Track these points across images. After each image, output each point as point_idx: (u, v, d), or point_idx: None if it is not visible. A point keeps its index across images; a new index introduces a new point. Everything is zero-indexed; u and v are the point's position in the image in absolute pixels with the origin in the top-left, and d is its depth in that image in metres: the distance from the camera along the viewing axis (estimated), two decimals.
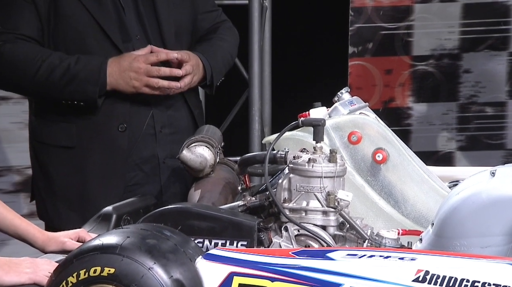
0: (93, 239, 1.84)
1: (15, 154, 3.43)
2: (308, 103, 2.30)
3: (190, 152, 2.32)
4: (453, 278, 1.67)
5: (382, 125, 2.28)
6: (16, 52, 2.53)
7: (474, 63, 3.83)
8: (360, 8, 3.83)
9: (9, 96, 3.34)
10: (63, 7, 2.55)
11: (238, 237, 1.94)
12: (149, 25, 2.63)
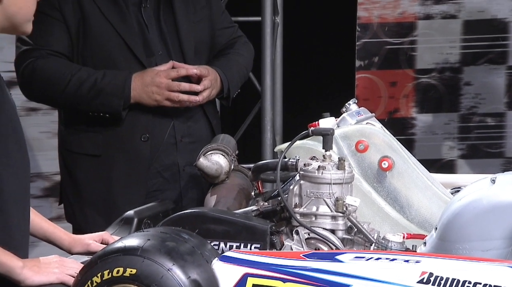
0: (116, 242, 1.84)
1: (44, 161, 3.44)
2: (317, 114, 2.30)
3: (206, 160, 2.32)
4: (456, 280, 1.66)
5: (388, 134, 2.27)
6: (47, 67, 2.55)
7: (474, 76, 3.82)
8: (366, 24, 3.83)
9: (39, 107, 3.36)
10: (92, 26, 2.57)
11: (252, 240, 1.93)
12: (171, 42, 2.64)
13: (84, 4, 2.57)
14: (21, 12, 1.82)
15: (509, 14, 3.78)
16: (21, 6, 1.82)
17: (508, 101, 3.82)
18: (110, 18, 2.57)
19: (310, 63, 4.16)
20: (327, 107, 2.33)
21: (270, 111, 3.82)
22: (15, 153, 1.83)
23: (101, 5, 2.57)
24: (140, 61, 2.60)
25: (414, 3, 3.81)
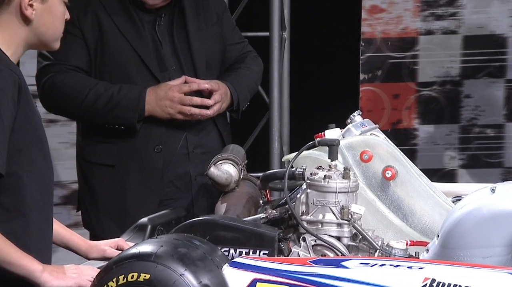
0: (130, 248, 1.84)
1: (62, 170, 3.45)
2: (323, 125, 2.29)
3: (217, 169, 2.32)
4: (458, 286, 1.65)
5: (391, 145, 2.27)
6: (66, 82, 2.56)
7: (474, 89, 3.81)
8: (370, 39, 3.83)
9: (58, 119, 3.37)
10: (109, 42, 2.58)
11: (261, 247, 1.93)
12: (183, 57, 2.65)
13: (102, 22, 2.58)
14: (49, 32, 1.86)
15: (507, 30, 3.77)
16: (49, 26, 1.85)
17: (507, 113, 3.81)
18: (126, 35, 2.58)
19: (316, 76, 4.16)
20: (333, 119, 2.33)
21: (277, 123, 3.81)
22: (40, 161, 1.84)
23: (118, 23, 2.58)
24: (154, 76, 2.61)
25: (416, 19, 3.81)
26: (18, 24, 1.82)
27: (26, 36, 1.84)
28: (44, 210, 1.87)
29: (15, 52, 1.85)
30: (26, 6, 1.81)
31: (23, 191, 1.80)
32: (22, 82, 1.80)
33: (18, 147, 1.78)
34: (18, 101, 1.76)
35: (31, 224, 1.82)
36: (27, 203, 1.81)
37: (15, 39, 1.83)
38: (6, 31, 1.82)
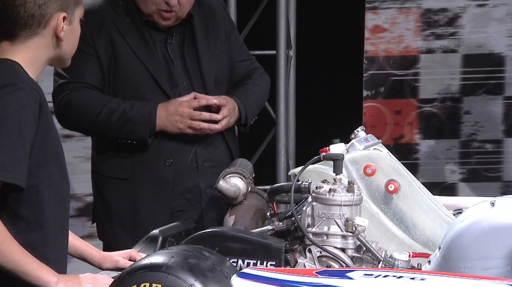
0: (142, 259, 1.84)
1: (77, 183, 3.45)
2: (328, 140, 2.28)
3: (225, 182, 2.31)
4: None
5: (394, 159, 2.26)
6: (81, 99, 2.57)
7: (473, 105, 3.80)
8: (373, 57, 3.83)
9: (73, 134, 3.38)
10: (122, 61, 2.59)
11: (268, 258, 1.92)
12: (193, 74, 2.65)
13: (115, 41, 2.59)
14: (70, 51, 1.88)
15: (504, 49, 3.77)
16: (72, 45, 1.87)
17: (505, 129, 3.79)
18: (138, 54, 2.59)
19: (321, 93, 4.15)
20: (337, 134, 2.32)
21: (284, 137, 3.81)
22: (57, 175, 1.84)
23: (131, 42, 2.59)
24: (165, 92, 2.61)
25: (417, 38, 3.81)
26: (49, 46, 1.83)
27: (50, 56, 1.86)
28: (61, 222, 1.87)
29: (36, 70, 1.86)
30: (61, 30, 1.82)
31: (42, 203, 1.80)
32: (43, 100, 1.80)
33: (38, 161, 1.78)
34: (39, 118, 1.77)
35: (49, 235, 1.82)
36: (45, 215, 1.81)
37: (39, 59, 1.84)
38: (33, 52, 1.83)
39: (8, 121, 1.71)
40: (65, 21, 1.82)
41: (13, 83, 1.74)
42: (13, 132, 1.71)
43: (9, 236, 1.73)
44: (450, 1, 3.77)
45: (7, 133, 1.71)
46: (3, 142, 1.70)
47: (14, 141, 1.71)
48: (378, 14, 3.80)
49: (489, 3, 3.76)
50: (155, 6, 2.56)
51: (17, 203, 1.77)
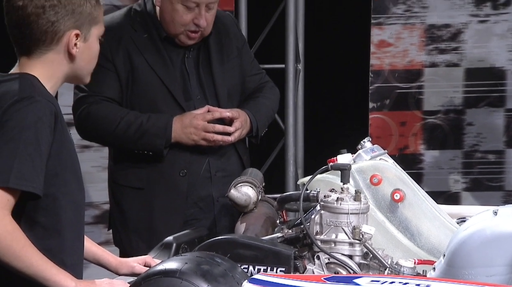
0: (157, 265, 1.83)
1: (94, 192, 3.46)
2: (335, 150, 2.28)
3: (237, 191, 2.30)
4: None
5: (399, 169, 2.25)
6: (100, 111, 2.57)
7: (476, 117, 3.79)
8: (378, 71, 3.82)
9: (91, 145, 3.39)
10: (139, 75, 2.59)
11: (278, 264, 1.91)
12: (207, 88, 2.66)
13: (133, 57, 2.59)
14: (86, 67, 1.88)
15: (505, 63, 3.76)
16: (87, 62, 1.87)
17: (507, 140, 3.78)
18: (155, 69, 2.59)
19: (328, 105, 4.15)
20: (344, 145, 2.31)
21: (292, 148, 3.80)
22: (73, 184, 1.84)
23: (148, 58, 2.59)
24: (180, 105, 2.62)
25: (421, 53, 3.81)
26: (62, 61, 1.84)
27: (66, 71, 1.86)
28: (77, 228, 1.87)
29: (54, 85, 1.86)
30: (73, 46, 1.83)
31: (59, 211, 1.80)
32: (58, 111, 1.81)
33: (55, 171, 1.79)
34: (55, 129, 1.77)
35: (66, 241, 1.82)
36: (62, 222, 1.81)
37: (56, 74, 1.85)
38: (49, 67, 1.83)
39: (25, 133, 1.72)
40: (78, 38, 1.82)
41: (29, 96, 1.75)
42: (30, 143, 1.72)
43: (28, 242, 1.73)
44: (453, 17, 3.77)
45: (25, 144, 1.71)
46: (21, 153, 1.71)
47: (31, 152, 1.72)
48: (384, 29, 3.80)
49: (491, 19, 3.75)
50: (183, 27, 2.56)
51: (35, 210, 1.77)
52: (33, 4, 1.78)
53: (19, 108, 1.74)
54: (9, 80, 1.81)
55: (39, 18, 1.79)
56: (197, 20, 2.55)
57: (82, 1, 1.82)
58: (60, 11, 1.79)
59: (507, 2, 3.73)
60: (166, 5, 2.57)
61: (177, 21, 2.55)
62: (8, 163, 1.70)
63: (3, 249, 1.70)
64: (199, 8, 2.54)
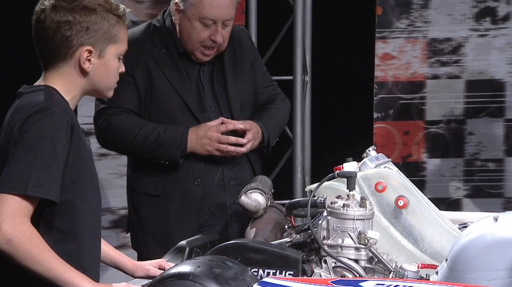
0: (171, 268, 1.83)
1: (111, 198, 3.46)
2: (341, 158, 2.27)
3: (247, 197, 2.30)
4: None
5: (403, 176, 2.24)
6: (120, 123, 2.58)
7: (476, 127, 3.78)
8: (382, 82, 3.82)
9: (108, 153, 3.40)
10: (157, 88, 2.60)
11: (286, 268, 1.90)
12: (221, 100, 2.66)
13: (152, 71, 2.59)
14: (102, 83, 1.88)
15: (504, 76, 3.75)
16: (103, 78, 1.87)
17: (506, 149, 3.76)
18: (173, 83, 2.59)
19: (335, 115, 4.14)
20: (350, 153, 2.30)
21: (300, 156, 3.79)
22: (90, 191, 1.85)
23: (166, 72, 2.60)
24: (195, 116, 2.62)
25: (424, 65, 3.80)
26: (76, 75, 1.84)
27: (83, 85, 1.86)
28: (94, 233, 1.87)
29: (73, 97, 1.87)
30: (84, 61, 1.83)
31: (77, 216, 1.81)
32: (75, 122, 1.81)
33: (72, 178, 1.79)
34: (71, 139, 1.78)
35: (83, 245, 1.83)
36: (79, 227, 1.81)
37: (74, 87, 1.85)
38: (66, 80, 1.84)
39: (43, 143, 1.73)
40: (91, 54, 1.82)
41: (47, 107, 1.76)
42: (47, 152, 1.73)
43: (46, 247, 1.73)
44: (454, 31, 3.76)
45: (42, 153, 1.72)
46: (39, 161, 1.72)
47: (49, 160, 1.72)
48: (387, 43, 3.79)
49: (490, 33, 3.74)
50: (200, 44, 2.57)
51: (52, 216, 1.78)
52: (50, 19, 1.79)
53: (37, 119, 1.75)
54: (31, 92, 1.82)
55: (55, 32, 1.80)
56: (214, 37, 2.55)
57: (99, 19, 1.81)
58: (75, 27, 1.79)
59: (505, 17, 3.72)
60: (184, 23, 2.57)
61: (195, 38, 2.56)
62: (27, 171, 1.71)
63: (23, 254, 1.70)
64: (215, 25, 2.55)
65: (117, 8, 1.85)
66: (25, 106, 1.77)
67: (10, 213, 1.69)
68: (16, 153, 1.72)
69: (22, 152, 1.72)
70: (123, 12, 1.86)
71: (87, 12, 1.80)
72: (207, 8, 2.52)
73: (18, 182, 1.71)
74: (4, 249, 1.70)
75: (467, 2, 3.73)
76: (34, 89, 1.82)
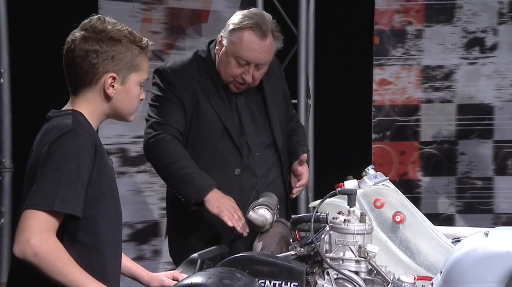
0: (184, 279, 1.82)
1: (129, 213, 3.43)
2: (342, 177, 2.26)
3: (254, 213, 2.28)
4: None
5: (400, 194, 2.22)
6: (164, 145, 2.48)
7: (467, 147, 3.76)
8: (380, 105, 3.81)
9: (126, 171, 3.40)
10: (202, 114, 2.54)
11: (291, 279, 1.88)
12: (262, 122, 2.59)
13: (199, 97, 2.52)
14: (124, 108, 1.88)
15: (493, 100, 3.74)
16: (125, 103, 1.87)
17: (495, 168, 3.74)
18: (215, 108, 2.53)
19: (336, 136, 4.14)
20: (350, 171, 2.29)
21: None
22: (111, 207, 1.84)
23: (211, 99, 2.53)
24: (233, 140, 2.54)
25: (418, 90, 3.80)
26: (101, 100, 1.85)
27: (106, 109, 1.87)
28: (114, 246, 1.86)
29: (96, 120, 1.87)
30: (108, 86, 1.84)
31: (98, 230, 1.80)
32: (98, 143, 1.82)
33: (95, 195, 1.79)
34: (94, 158, 1.78)
35: (104, 257, 1.82)
36: (101, 241, 1.81)
37: (97, 111, 1.86)
38: (91, 104, 1.85)
39: (69, 163, 1.73)
40: (115, 81, 1.84)
41: (73, 129, 1.77)
42: (73, 171, 1.73)
43: (70, 259, 1.73)
44: (446, 59, 3.76)
45: (68, 172, 1.73)
46: (65, 180, 1.72)
47: (74, 179, 1.73)
48: (384, 69, 3.79)
49: (479, 61, 3.75)
50: (233, 78, 2.53)
51: (76, 230, 1.78)
52: (79, 48, 1.81)
53: (64, 140, 1.75)
54: (59, 116, 1.83)
55: (83, 60, 1.81)
56: (245, 75, 2.50)
57: (123, 49, 1.83)
58: (101, 56, 1.81)
59: (493, 47, 3.73)
60: (222, 56, 2.51)
61: (228, 72, 2.51)
62: (54, 189, 1.72)
63: (49, 266, 1.70)
64: (249, 66, 2.50)
65: (141, 40, 1.86)
66: (53, 129, 1.79)
67: (38, 228, 1.70)
68: (44, 171, 1.73)
69: (50, 171, 1.73)
70: (146, 44, 1.87)
71: (113, 42, 1.82)
72: (244, 49, 2.47)
73: (46, 199, 1.71)
74: (31, 261, 1.70)
75: (458, 32, 3.73)
76: (62, 114, 1.84)
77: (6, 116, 3.32)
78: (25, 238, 1.69)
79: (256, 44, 2.48)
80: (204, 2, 3.69)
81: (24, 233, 1.69)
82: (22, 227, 1.70)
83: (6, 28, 3.32)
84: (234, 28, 2.49)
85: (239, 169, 2.55)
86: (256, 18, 2.49)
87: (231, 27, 2.50)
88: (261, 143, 2.59)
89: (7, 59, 3.33)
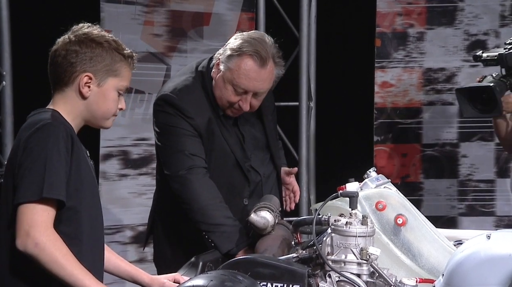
0: (186, 281, 1.82)
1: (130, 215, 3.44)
2: (344, 179, 2.25)
3: (256, 215, 2.28)
4: None
5: (401, 196, 2.22)
6: (200, 186, 2.38)
7: (469, 150, 3.75)
8: (382, 108, 3.81)
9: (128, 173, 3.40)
10: (214, 143, 2.47)
11: (293, 281, 1.88)
12: (261, 143, 2.56)
13: (214, 131, 2.46)
14: (99, 110, 1.91)
15: None
16: (100, 105, 1.90)
17: (497, 170, 3.74)
18: (226, 138, 2.48)
19: (338, 138, 4.13)
20: (352, 174, 2.29)
21: (305, 176, 3.77)
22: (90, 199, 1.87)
23: (222, 131, 2.47)
24: (240, 167, 2.51)
25: (420, 93, 3.80)
26: (77, 99, 1.89)
27: (82, 110, 1.90)
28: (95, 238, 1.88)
29: (73, 120, 1.89)
30: (83, 85, 1.88)
31: (81, 221, 1.83)
32: (74, 135, 1.86)
33: (75, 186, 1.83)
34: (72, 149, 1.82)
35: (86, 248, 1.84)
36: (83, 232, 1.83)
37: (74, 111, 1.89)
38: (68, 103, 1.89)
39: (49, 152, 1.77)
40: (91, 81, 1.87)
41: (49, 123, 1.82)
42: (54, 159, 1.77)
43: (69, 252, 1.76)
44: (448, 62, 3.76)
45: (50, 161, 1.76)
46: (48, 167, 1.76)
47: (56, 166, 1.77)
48: (386, 72, 3.79)
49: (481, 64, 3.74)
50: (229, 104, 2.44)
51: (59, 221, 1.80)
52: (61, 48, 1.88)
53: (40, 133, 1.80)
54: (36, 114, 1.88)
55: (63, 59, 1.87)
56: (241, 103, 2.39)
57: (103, 53, 1.87)
58: (80, 56, 1.86)
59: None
60: (219, 81, 2.39)
61: (225, 98, 2.42)
62: (39, 178, 1.75)
63: (48, 256, 1.73)
64: (246, 95, 2.38)
65: (124, 49, 1.91)
66: (29, 125, 1.83)
67: (35, 219, 1.73)
68: (25, 165, 1.77)
69: (30, 163, 1.77)
70: (129, 54, 1.91)
71: (94, 44, 1.87)
72: (242, 78, 2.35)
73: (34, 189, 1.75)
74: (32, 253, 1.72)
75: (459, 35, 3.73)
76: (39, 112, 1.88)
77: (8, 119, 3.34)
78: (25, 231, 1.72)
79: (255, 73, 2.36)
80: (206, 4, 3.70)
81: (23, 227, 1.72)
82: (20, 222, 1.73)
83: (8, 30, 3.33)
84: (232, 55, 2.36)
85: (246, 198, 2.53)
86: (255, 44, 2.35)
87: (229, 52, 2.37)
88: (262, 161, 2.56)
89: (9, 61, 3.34)
